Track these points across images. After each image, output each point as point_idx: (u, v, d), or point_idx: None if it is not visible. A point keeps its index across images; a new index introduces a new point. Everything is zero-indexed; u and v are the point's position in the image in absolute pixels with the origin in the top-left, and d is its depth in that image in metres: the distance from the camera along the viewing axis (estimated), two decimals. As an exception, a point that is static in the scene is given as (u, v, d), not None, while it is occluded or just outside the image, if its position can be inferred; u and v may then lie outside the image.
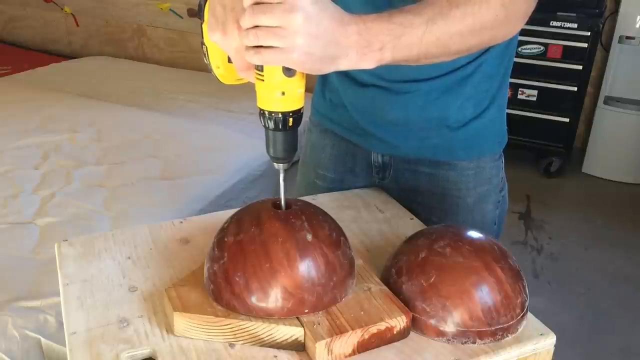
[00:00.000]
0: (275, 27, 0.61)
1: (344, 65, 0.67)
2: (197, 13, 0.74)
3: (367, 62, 0.67)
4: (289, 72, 0.65)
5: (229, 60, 0.71)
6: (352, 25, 0.65)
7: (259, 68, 0.66)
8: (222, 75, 0.75)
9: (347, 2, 0.96)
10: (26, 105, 2.78)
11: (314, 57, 0.64)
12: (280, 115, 0.68)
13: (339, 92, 1.06)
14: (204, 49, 0.74)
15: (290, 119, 0.68)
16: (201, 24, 0.72)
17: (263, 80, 0.66)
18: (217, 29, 0.67)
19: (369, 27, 0.66)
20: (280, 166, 0.73)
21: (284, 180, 0.73)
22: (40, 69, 3.49)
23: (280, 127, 0.69)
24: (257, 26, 0.62)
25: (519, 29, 0.78)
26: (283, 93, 0.67)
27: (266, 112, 0.68)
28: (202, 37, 0.73)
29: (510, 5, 0.72)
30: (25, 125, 2.55)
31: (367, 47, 0.66)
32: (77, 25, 4.12)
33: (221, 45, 0.68)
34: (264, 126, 0.70)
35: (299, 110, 0.69)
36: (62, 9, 4.09)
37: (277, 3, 0.61)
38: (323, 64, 0.65)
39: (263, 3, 0.61)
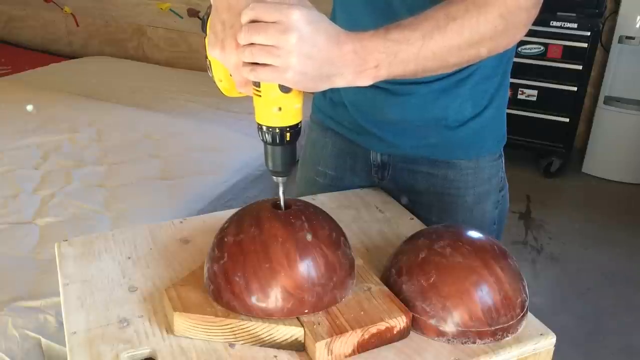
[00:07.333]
0: (270, 45, 0.62)
1: (340, 83, 0.67)
2: (200, 26, 0.75)
3: (362, 80, 0.68)
4: (285, 88, 0.66)
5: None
6: (348, 44, 0.66)
7: (256, 84, 0.67)
8: (225, 89, 0.76)
9: (349, 8, 0.97)
10: (26, 105, 2.78)
11: (308, 77, 0.64)
12: (277, 130, 0.68)
13: (339, 91, 1.06)
14: (208, 63, 0.75)
15: (288, 134, 0.69)
16: (204, 38, 0.73)
17: (260, 96, 0.67)
18: (216, 45, 0.68)
19: (365, 45, 0.66)
20: (279, 179, 0.73)
21: (284, 192, 0.74)
22: (40, 69, 3.49)
23: (277, 141, 0.69)
24: (253, 44, 0.63)
25: (520, 38, 0.77)
26: (280, 109, 0.67)
27: (264, 127, 0.69)
28: (206, 51, 0.73)
29: (509, 15, 0.72)
30: (25, 125, 2.55)
31: (363, 65, 0.67)
32: (77, 25, 4.12)
33: (220, 61, 0.69)
34: (262, 140, 0.70)
35: (297, 125, 0.69)
36: (62, 9, 4.09)
37: (272, 23, 0.62)
38: (318, 83, 0.66)
39: (259, 22, 0.62)
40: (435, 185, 1.03)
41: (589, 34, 3.00)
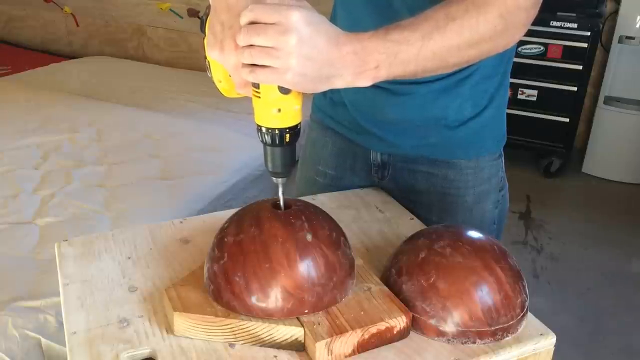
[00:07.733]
0: (270, 47, 0.62)
1: (339, 84, 0.67)
2: (199, 27, 0.75)
3: (362, 81, 0.68)
4: (284, 89, 0.66)
5: None
6: (347, 46, 0.66)
7: (256, 85, 0.67)
8: (224, 89, 0.76)
9: (350, 7, 0.97)
10: (26, 105, 2.78)
11: (308, 78, 0.64)
12: (277, 132, 0.69)
13: (339, 91, 1.06)
14: (207, 63, 0.75)
15: (287, 135, 0.69)
16: (203, 38, 0.73)
17: (259, 97, 0.67)
18: (215, 46, 0.68)
19: (365, 46, 0.66)
20: (279, 180, 0.73)
21: (283, 193, 0.74)
22: (40, 69, 3.49)
23: (277, 142, 0.69)
24: (252, 45, 0.63)
25: (519, 38, 0.78)
26: (279, 110, 0.67)
27: (263, 128, 0.69)
28: (205, 52, 0.73)
29: (509, 15, 0.72)
30: (25, 125, 2.55)
31: (363, 66, 0.67)
32: (77, 25, 4.12)
33: (220, 62, 0.69)
34: (262, 141, 0.70)
35: (296, 126, 0.69)
36: (62, 9, 4.09)
37: (272, 24, 0.62)
38: (317, 84, 0.66)
39: (258, 23, 0.62)
40: (435, 185, 1.03)
41: (589, 34, 3.00)
